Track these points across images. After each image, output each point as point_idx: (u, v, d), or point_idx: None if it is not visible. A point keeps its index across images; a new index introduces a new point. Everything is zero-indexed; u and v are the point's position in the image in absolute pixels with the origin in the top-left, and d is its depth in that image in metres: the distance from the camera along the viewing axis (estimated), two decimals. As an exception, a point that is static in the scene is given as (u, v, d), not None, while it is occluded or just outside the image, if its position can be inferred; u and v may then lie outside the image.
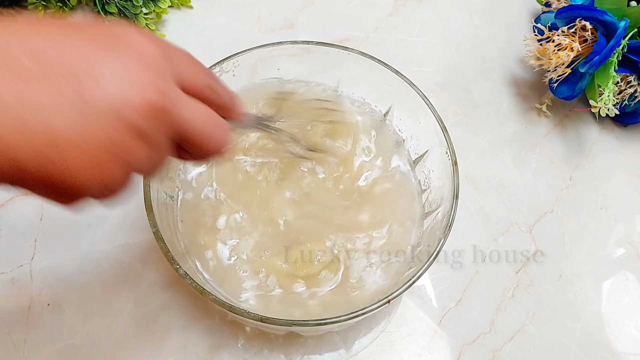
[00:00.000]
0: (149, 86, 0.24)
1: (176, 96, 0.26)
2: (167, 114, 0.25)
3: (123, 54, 0.24)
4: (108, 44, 0.24)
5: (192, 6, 0.67)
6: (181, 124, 0.27)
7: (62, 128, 0.22)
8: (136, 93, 0.24)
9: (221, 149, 0.30)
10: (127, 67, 0.24)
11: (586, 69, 0.55)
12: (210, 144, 0.29)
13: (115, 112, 0.23)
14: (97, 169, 0.24)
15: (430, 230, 0.46)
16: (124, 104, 0.23)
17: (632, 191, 0.59)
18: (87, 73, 0.23)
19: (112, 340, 0.48)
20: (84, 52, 0.23)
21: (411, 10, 0.69)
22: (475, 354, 0.50)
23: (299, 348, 0.49)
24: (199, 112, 0.28)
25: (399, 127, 0.51)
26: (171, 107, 0.25)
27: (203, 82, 0.29)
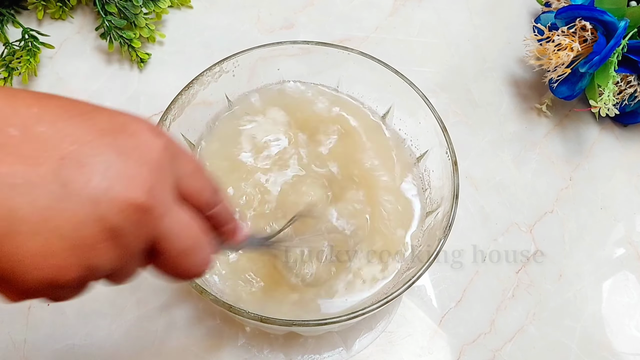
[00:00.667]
0: (139, 183, 0.22)
1: (166, 202, 0.24)
2: (150, 217, 0.23)
3: (124, 145, 0.22)
4: (111, 135, 0.22)
5: (192, 6, 0.67)
6: (162, 233, 0.24)
7: (25, 208, 0.20)
8: (124, 189, 0.21)
9: (197, 273, 0.27)
10: (124, 162, 0.22)
11: (586, 69, 0.55)
12: (187, 264, 0.26)
13: (94, 205, 0.21)
14: (49, 262, 0.20)
15: (430, 230, 0.46)
16: (107, 197, 0.21)
17: (632, 191, 0.59)
18: (75, 159, 0.21)
19: (112, 341, 0.48)
20: (82, 137, 0.22)
21: (411, 10, 0.69)
22: (475, 354, 0.50)
23: (299, 348, 0.49)
24: (186, 227, 0.25)
25: (398, 127, 0.51)
26: (156, 211, 0.23)
27: (205, 197, 0.27)
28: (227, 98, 0.50)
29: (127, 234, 0.22)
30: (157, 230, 0.23)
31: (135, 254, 0.23)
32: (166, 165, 0.24)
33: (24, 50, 0.59)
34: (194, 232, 0.26)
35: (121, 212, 0.21)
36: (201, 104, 0.48)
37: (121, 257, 0.23)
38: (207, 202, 0.28)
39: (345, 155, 0.49)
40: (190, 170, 0.26)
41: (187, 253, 0.25)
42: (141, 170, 0.22)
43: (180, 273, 0.26)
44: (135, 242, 0.23)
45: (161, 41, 0.64)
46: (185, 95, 0.46)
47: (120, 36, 0.60)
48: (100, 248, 0.22)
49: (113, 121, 0.23)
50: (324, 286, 0.44)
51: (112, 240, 0.22)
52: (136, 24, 0.61)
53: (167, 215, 0.24)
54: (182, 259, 0.25)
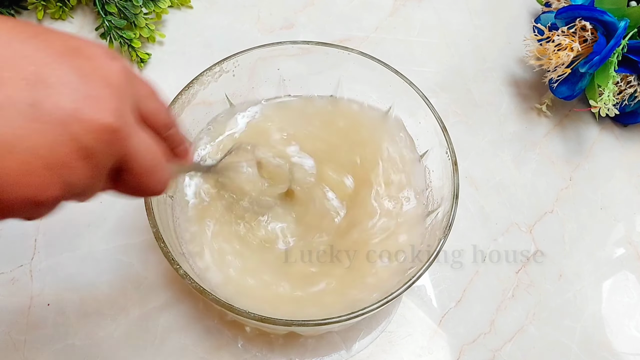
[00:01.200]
0: (108, 107, 0.23)
1: (130, 122, 0.25)
2: (119, 139, 0.24)
3: (85, 67, 0.23)
4: (69, 56, 0.23)
5: (192, 6, 0.67)
6: (129, 153, 0.25)
7: (0, 130, 0.21)
8: (93, 111, 0.23)
9: (158, 190, 0.29)
10: (87, 84, 0.23)
11: (586, 69, 0.55)
12: (150, 182, 0.28)
13: (65, 126, 0.22)
14: (28, 179, 0.22)
15: (430, 230, 0.46)
16: (77, 119, 0.22)
17: (632, 191, 0.59)
18: (41, 80, 0.22)
19: (112, 340, 0.48)
20: (42, 57, 0.22)
21: (411, 10, 0.69)
22: (475, 354, 0.50)
23: (299, 348, 0.49)
24: (149, 147, 0.27)
25: (399, 127, 0.51)
26: (124, 132, 0.24)
27: (161, 119, 0.29)
28: (227, 98, 0.50)
29: (98, 153, 0.23)
30: (124, 150, 0.25)
31: (104, 172, 0.25)
32: (126, 87, 0.25)
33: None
34: (155, 152, 0.28)
35: (92, 133, 0.23)
36: (201, 103, 0.48)
37: (93, 176, 0.24)
38: (164, 123, 0.30)
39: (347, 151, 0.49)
40: (146, 92, 0.28)
41: (150, 171, 0.27)
42: (105, 92, 0.23)
43: (143, 190, 0.28)
44: (105, 160, 0.24)
45: (161, 41, 0.64)
46: (185, 95, 0.46)
47: (120, 36, 0.60)
48: (75, 167, 0.23)
49: (68, 43, 0.24)
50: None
51: (85, 159, 0.23)
52: (136, 24, 0.61)
53: (132, 135, 0.25)
54: (146, 177, 0.27)
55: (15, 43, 0.22)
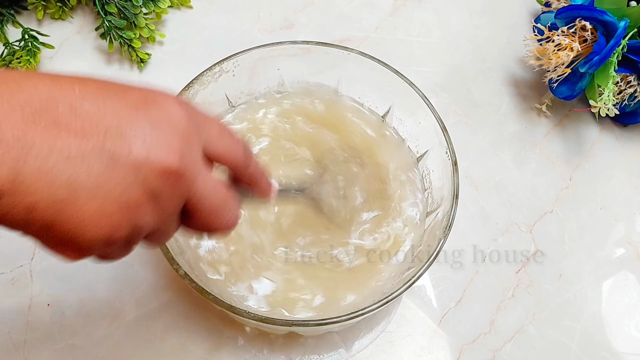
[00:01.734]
0: (172, 151, 0.25)
1: (196, 166, 0.27)
2: (184, 180, 0.26)
3: (155, 117, 0.25)
4: (143, 106, 0.25)
5: (192, 6, 0.67)
6: (194, 192, 0.27)
7: (82, 176, 0.23)
8: (159, 155, 0.25)
9: (225, 229, 0.30)
10: (155, 130, 0.25)
11: (586, 69, 0.55)
12: (216, 222, 0.29)
13: (134, 168, 0.24)
14: (103, 218, 0.24)
15: (430, 230, 0.46)
16: (144, 162, 0.24)
17: (632, 191, 0.59)
18: (118, 131, 0.24)
19: (112, 341, 0.48)
20: (119, 111, 0.24)
21: (411, 10, 0.69)
22: (475, 354, 0.50)
23: (299, 348, 0.49)
24: (214, 188, 0.28)
25: (398, 127, 0.51)
26: (189, 175, 0.26)
27: (236, 157, 0.30)
28: (227, 98, 0.50)
29: (165, 196, 0.26)
30: (190, 192, 0.27)
31: (172, 213, 0.27)
32: (192, 132, 0.27)
33: (24, 51, 0.59)
34: (222, 193, 0.29)
35: (159, 177, 0.25)
36: (201, 104, 0.48)
37: (161, 216, 0.26)
38: (240, 161, 0.31)
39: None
40: (216, 133, 0.29)
41: (217, 211, 0.29)
42: (172, 139, 0.25)
43: (211, 229, 0.30)
44: (172, 202, 0.26)
45: (161, 41, 0.64)
46: (186, 95, 0.46)
47: (120, 36, 0.60)
48: (144, 208, 0.25)
49: (144, 96, 0.26)
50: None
51: (153, 201, 0.25)
52: (136, 24, 0.61)
53: (197, 178, 0.27)
54: (213, 217, 0.29)
55: (100, 100, 0.24)
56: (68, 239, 0.24)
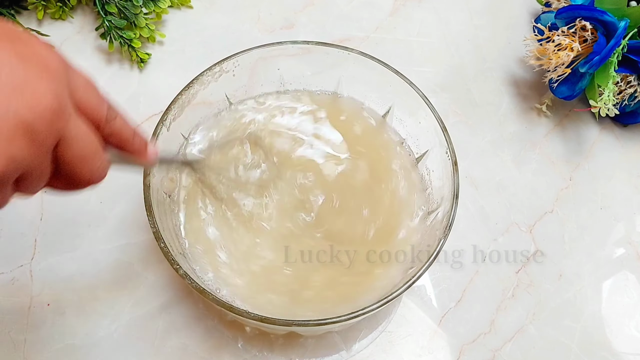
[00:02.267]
0: (47, 89, 0.25)
1: (67, 106, 0.26)
2: (57, 117, 0.25)
3: (23, 54, 0.25)
4: (10, 42, 0.25)
5: (192, 6, 0.67)
6: (65, 136, 0.26)
7: None
8: (34, 91, 0.24)
9: (92, 180, 0.29)
10: (27, 67, 0.24)
11: (586, 69, 0.55)
12: (84, 170, 0.28)
13: (8, 102, 0.23)
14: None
15: (430, 230, 0.46)
16: (19, 97, 0.24)
17: (632, 191, 0.59)
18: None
19: (112, 341, 0.48)
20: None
21: (411, 10, 0.69)
22: (475, 353, 0.50)
23: (299, 348, 0.49)
24: (84, 134, 0.28)
25: (399, 127, 0.51)
26: (63, 114, 0.26)
27: (100, 111, 0.30)
28: (227, 98, 0.50)
29: (40, 132, 0.25)
30: (62, 132, 0.26)
31: (45, 152, 0.26)
32: (63, 74, 0.26)
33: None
34: (91, 139, 0.28)
35: (34, 111, 0.24)
36: (201, 103, 0.48)
37: (36, 154, 0.25)
38: (103, 116, 0.30)
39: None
40: (83, 84, 0.29)
41: (86, 159, 0.28)
42: (45, 75, 0.25)
43: (77, 179, 0.29)
44: (46, 140, 0.25)
45: (161, 41, 0.64)
46: (186, 95, 0.46)
47: (120, 36, 0.60)
48: (19, 142, 0.24)
49: (12, 33, 0.26)
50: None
51: (27, 135, 0.24)
52: (136, 24, 0.61)
53: (70, 120, 0.26)
54: (82, 163, 0.28)
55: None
56: None
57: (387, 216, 0.47)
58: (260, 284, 0.44)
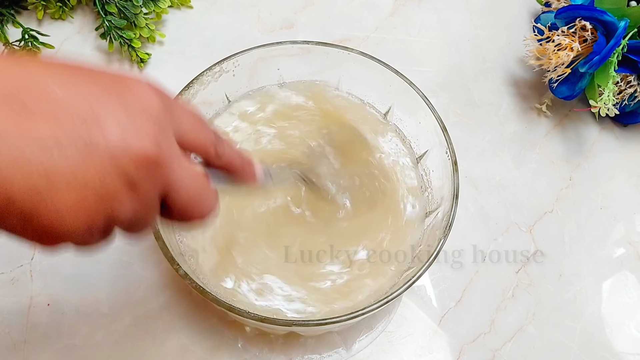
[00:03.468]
0: (148, 137, 0.24)
1: (172, 152, 0.26)
2: (160, 167, 0.25)
3: (128, 102, 0.25)
4: (115, 91, 0.25)
5: (192, 6, 0.67)
6: (171, 181, 0.26)
7: (58, 164, 0.22)
8: (135, 142, 0.24)
9: (203, 217, 0.29)
10: (130, 116, 0.24)
11: (586, 69, 0.55)
12: (194, 210, 0.29)
13: (111, 157, 0.23)
14: (82, 209, 0.23)
15: (430, 230, 0.46)
16: (121, 150, 0.24)
17: (632, 191, 0.59)
18: (91, 116, 0.23)
19: (112, 340, 0.48)
20: (91, 95, 0.24)
21: (411, 10, 0.69)
22: (475, 353, 0.50)
23: (299, 348, 0.49)
24: (191, 176, 0.28)
25: (399, 127, 0.51)
26: (165, 161, 0.25)
27: (205, 141, 0.29)
28: (227, 98, 0.50)
29: (143, 184, 0.25)
30: (167, 180, 0.26)
31: (150, 202, 0.26)
32: (166, 118, 0.26)
33: (24, 51, 0.59)
34: (199, 181, 0.28)
35: (136, 162, 0.24)
36: (201, 103, 0.48)
37: (139, 205, 0.25)
38: (212, 151, 0.30)
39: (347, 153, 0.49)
40: (189, 122, 0.28)
41: (194, 199, 0.28)
42: (147, 125, 0.25)
43: (188, 218, 0.29)
44: (149, 191, 0.25)
45: (161, 41, 0.64)
46: (186, 95, 0.46)
47: (120, 36, 0.60)
48: (122, 197, 0.24)
49: (116, 80, 0.25)
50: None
51: (130, 190, 0.24)
52: (136, 24, 0.61)
53: (174, 166, 0.26)
54: (190, 205, 0.28)
55: (70, 84, 0.24)
56: (46, 231, 0.23)
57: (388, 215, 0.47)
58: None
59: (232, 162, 0.32)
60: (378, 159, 0.50)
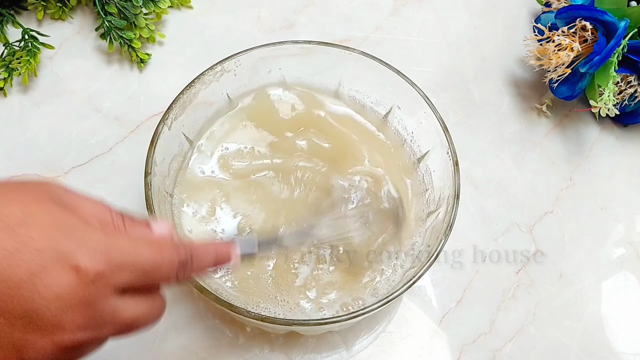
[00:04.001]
0: (63, 332, 0.25)
1: (99, 324, 0.27)
2: (82, 347, 0.26)
3: (41, 299, 0.24)
4: (26, 288, 0.24)
5: (192, 6, 0.67)
6: (101, 342, 0.28)
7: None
8: (44, 341, 0.25)
9: (149, 327, 0.30)
10: (42, 317, 0.24)
11: (586, 69, 0.55)
12: (137, 333, 0.30)
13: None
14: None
15: (430, 230, 0.46)
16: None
17: (632, 191, 0.59)
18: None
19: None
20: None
21: (411, 10, 0.69)
22: (475, 354, 0.50)
23: (300, 348, 0.49)
24: (128, 319, 0.28)
25: (399, 127, 0.51)
26: (88, 340, 0.27)
27: (161, 278, 0.29)
28: (229, 97, 0.50)
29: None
30: (95, 345, 0.28)
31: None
32: (94, 292, 0.25)
33: (24, 51, 0.59)
34: (140, 312, 0.29)
35: (46, 356, 0.25)
36: (202, 103, 0.48)
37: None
38: (173, 279, 0.30)
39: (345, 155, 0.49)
40: (135, 272, 0.27)
41: (133, 329, 0.29)
42: (64, 317, 0.25)
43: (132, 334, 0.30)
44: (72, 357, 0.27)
45: (161, 41, 0.64)
46: (187, 95, 0.46)
47: (120, 36, 0.60)
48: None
49: (27, 273, 0.24)
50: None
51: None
52: (136, 24, 0.61)
53: (104, 328, 0.27)
54: (129, 334, 0.30)
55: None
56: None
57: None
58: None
59: (203, 268, 0.32)
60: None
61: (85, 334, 0.26)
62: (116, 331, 0.28)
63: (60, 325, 0.24)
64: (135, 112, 0.58)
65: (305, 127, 0.50)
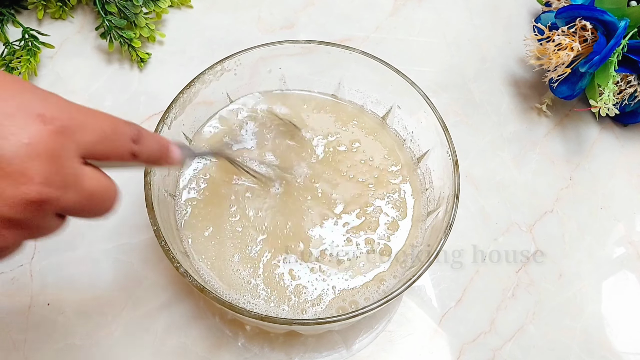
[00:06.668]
0: (30, 179, 0.24)
1: (65, 178, 0.26)
2: (47, 205, 0.25)
3: (7, 143, 0.24)
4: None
5: (192, 6, 0.67)
6: (63, 206, 0.26)
7: None
8: (11, 189, 0.24)
9: (102, 216, 0.30)
10: (8, 160, 0.24)
11: (586, 69, 0.55)
12: (92, 215, 0.29)
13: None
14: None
15: (430, 230, 0.46)
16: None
17: (632, 191, 0.59)
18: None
19: (112, 340, 0.48)
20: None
21: (411, 10, 0.69)
22: (475, 353, 0.50)
23: (300, 347, 0.49)
24: (90, 188, 0.28)
25: (399, 127, 0.51)
26: (52, 196, 0.25)
27: (116, 149, 0.29)
28: (229, 97, 0.50)
29: (25, 220, 0.25)
30: (58, 208, 0.26)
31: (38, 227, 0.27)
32: (59, 146, 0.26)
33: (24, 50, 0.59)
34: (98, 189, 0.28)
35: (14, 208, 0.24)
36: (202, 103, 0.48)
37: (27, 234, 0.26)
38: (127, 155, 0.30)
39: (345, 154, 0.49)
40: (94, 134, 0.28)
41: (91, 208, 0.28)
42: (31, 164, 0.24)
43: (90, 217, 0.29)
44: (36, 222, 0.26)
45: (161, 41, 0.64)
46: (187, 94, 0.46)
47: (121, 36, 0.60)
48: (3, 234, 0.25)
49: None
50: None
51: (11, 227, 0.25)
52: (136, 24, 0.61)
53: (67, 193, 0.26)
54: (89, 213, 0.29)
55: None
56: None
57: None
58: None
59: (150, 157, 0.32)
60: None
61: (50, 191, 0.25)
62: (78, 201, 0.27)
63: (27, 174, 0.24)
64: (136, 112, 0.58)
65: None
